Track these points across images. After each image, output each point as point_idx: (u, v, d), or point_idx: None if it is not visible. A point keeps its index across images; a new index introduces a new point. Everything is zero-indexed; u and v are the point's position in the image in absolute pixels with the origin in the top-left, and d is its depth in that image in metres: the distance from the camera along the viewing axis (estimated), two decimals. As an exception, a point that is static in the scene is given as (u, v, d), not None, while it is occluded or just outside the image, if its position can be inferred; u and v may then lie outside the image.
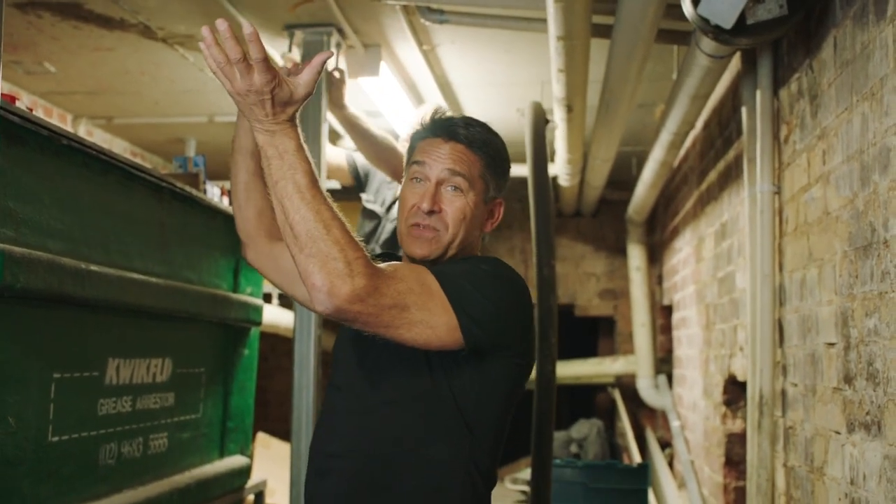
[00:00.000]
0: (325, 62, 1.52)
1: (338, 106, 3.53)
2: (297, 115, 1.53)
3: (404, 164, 1.83)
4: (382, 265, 1.55)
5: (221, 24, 1.41)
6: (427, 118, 1.80)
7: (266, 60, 1.45)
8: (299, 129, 1.52)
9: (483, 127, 1.80)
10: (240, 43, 1.44)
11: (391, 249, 1.90)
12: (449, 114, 1.82)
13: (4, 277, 1.83)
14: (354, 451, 1.67)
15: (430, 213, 1.71)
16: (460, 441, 1.66)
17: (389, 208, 3.67)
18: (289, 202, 1.46)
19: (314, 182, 1.48)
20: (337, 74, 3.51)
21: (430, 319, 1.56)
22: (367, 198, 3.81)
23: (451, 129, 1.75)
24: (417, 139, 1.79)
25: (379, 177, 3.77)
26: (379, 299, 1.49)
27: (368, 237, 3.69)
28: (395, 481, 1.64)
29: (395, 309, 1.52)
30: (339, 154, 3.87)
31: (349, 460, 1.67)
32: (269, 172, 1.49)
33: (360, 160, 3.83)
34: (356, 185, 3.87)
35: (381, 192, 3.74)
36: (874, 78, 2.07)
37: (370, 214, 3.78)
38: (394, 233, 3.60)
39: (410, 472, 1.64)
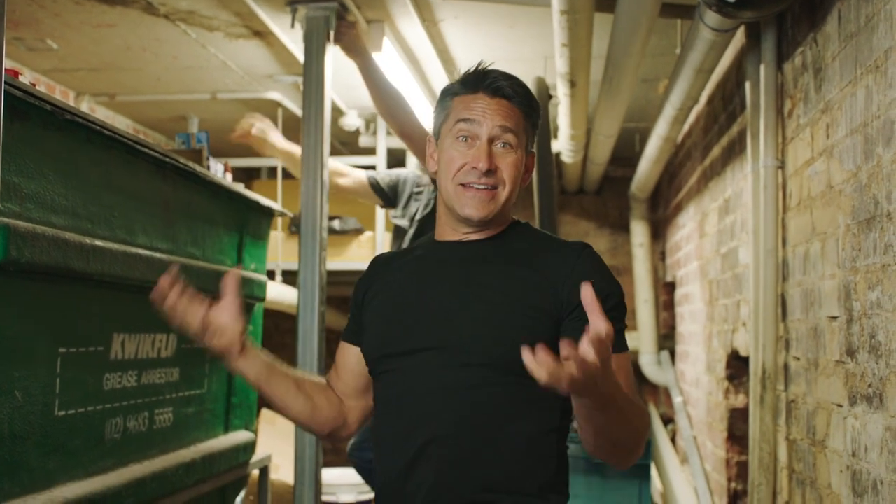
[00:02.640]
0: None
1: (357, 53, 3.45)
2: None
3: (437, 120, 1.75)
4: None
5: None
6: (467, 71, 1.73)
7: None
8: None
9: (518, 79, 1.74)
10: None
11: (418, 243, 1.83)
12: (483, 66, 1.74)
13: (9, 252, 1.84)
14: (450, 435, 1.59)
15: (488, 172, 1.64)
16: (552, 410, 1.63)
17: (413, 220, 3.64)
18: (619, 432, 1.51)
19: (631, 406, 1.51)
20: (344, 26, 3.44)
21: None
22: (394, 213, 3.75)
23: (495, 84, 1.68)
24: (455, 94, 1.71)
25: (406, 191, 3.72)
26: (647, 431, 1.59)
27: (397, 245, 3.69)
28: (494, 459, 1.59)
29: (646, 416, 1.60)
30: (360, 176, 3.78)
31: (446, 445, 1.59)
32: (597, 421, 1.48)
33: (382, 177, 3.78)
34: (385, 202, 3.81)
35: (410, 208, 3.69)
36: (879, 50, 2.06)
37: (398, 230, 3.74)
38: (416, 235, 3.57)
39: (510, 449, 1.60)
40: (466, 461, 1.58)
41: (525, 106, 1.69)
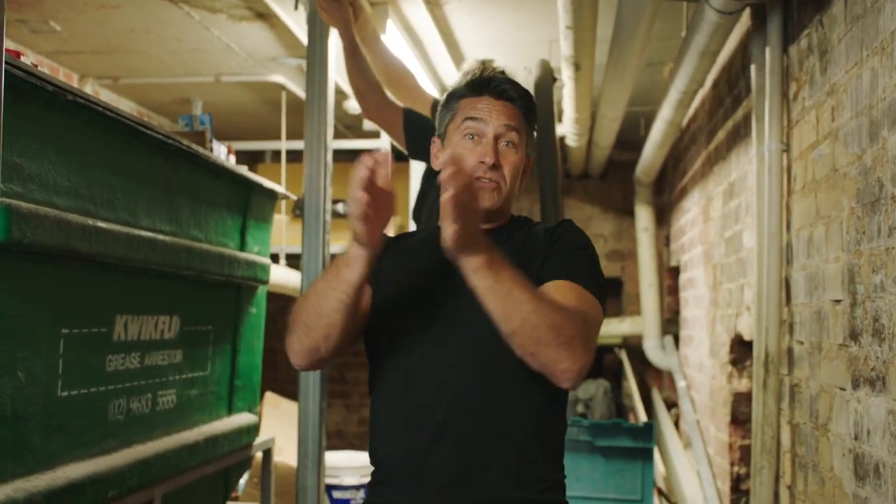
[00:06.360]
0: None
1: (336, 21, 3.13)
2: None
3: (442, 120, 1.82)
4: (552, 288, 1.65)
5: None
6: (472, 76, 1.83)
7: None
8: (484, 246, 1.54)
9: (519, 84, 1.85)
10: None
11: (424, 228, 1.89)
12: (488, 72, 1.85)
13: (12, 233, 1.84)
14: (470, 407, 1.67)
15: (494, 167, 1.75)
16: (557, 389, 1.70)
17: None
18: (525, 314, 1.54)
19: (524, 282, 1.55)
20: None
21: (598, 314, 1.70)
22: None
23: (499, 87, 1.79)
24: (461, 97, 1.81)
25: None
26: (592, 343, 1.63)
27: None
28: (514, 427, 1.68)
29: (595, 334, 1.66)
30: (397, 111, 3.14)
31: (466, 416, 1.67)
32: (491, 301, 1.55)
33: (413, 117, 3.11)
34: (409, 146, 3.13)
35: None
36: (884, 32, 2.05)
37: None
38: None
39: (527, 416, 1.69)
40: (488, 431, 1.66)
41: (526, 108, 1.81)
